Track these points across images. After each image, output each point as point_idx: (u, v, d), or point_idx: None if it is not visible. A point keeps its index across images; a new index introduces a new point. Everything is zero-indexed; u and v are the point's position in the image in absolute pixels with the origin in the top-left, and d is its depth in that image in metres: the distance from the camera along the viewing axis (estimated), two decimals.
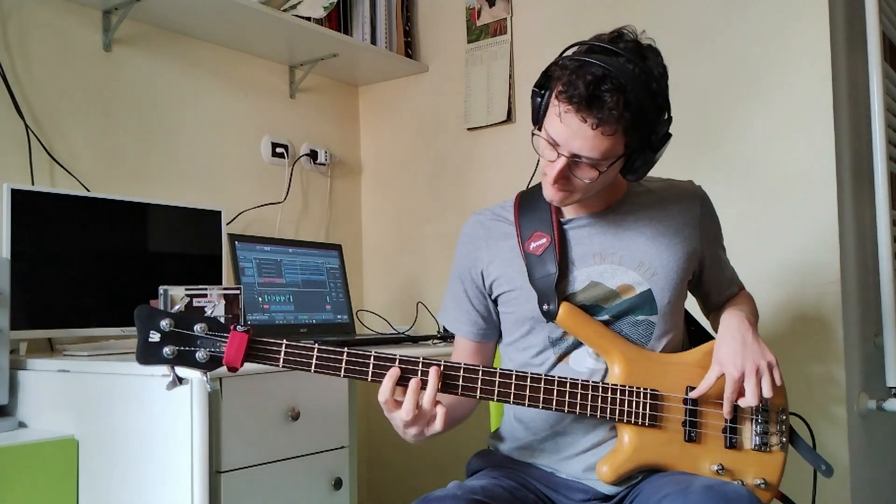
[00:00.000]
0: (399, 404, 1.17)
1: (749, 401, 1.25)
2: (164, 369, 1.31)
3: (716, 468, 1.28)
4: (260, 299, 2.04)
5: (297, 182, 2.57)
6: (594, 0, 2.28)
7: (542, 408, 1.25)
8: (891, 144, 2.10)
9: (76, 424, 1.53)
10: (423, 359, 1.20)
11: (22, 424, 1.61)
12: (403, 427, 1.19)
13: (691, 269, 1.38)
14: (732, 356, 1.27)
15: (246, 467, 1.43)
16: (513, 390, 1.24)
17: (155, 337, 1.14)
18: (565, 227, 1.36)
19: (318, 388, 1.57)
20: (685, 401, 1.29)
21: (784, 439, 1.33)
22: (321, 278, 2.23)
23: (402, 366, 1.18)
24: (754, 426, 1.31)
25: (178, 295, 1.55)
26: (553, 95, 1.20)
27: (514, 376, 1.24)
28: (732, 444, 1.30)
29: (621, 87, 1.14)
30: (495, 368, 1.24)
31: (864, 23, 2.00)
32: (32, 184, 1.87)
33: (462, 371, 1.22)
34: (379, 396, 1.18)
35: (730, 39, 2.05)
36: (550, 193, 1.27)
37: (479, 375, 1.23)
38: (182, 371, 1.16)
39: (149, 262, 1.90)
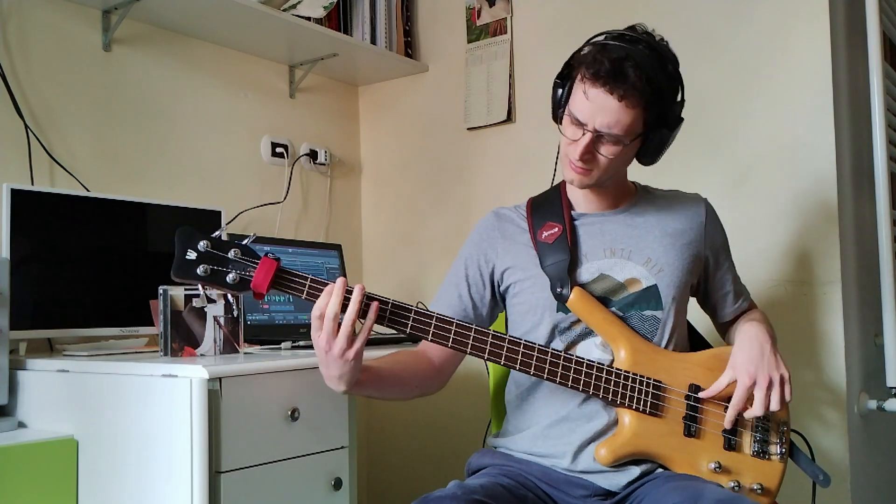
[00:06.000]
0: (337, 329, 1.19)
1: (755, 411, 1.26)
2: (165, 367, 1.32)
3: (713, 466, 1.28)
4: (260, 299, 2.03)
5: (296, 182, 2.56)
6: (594, 0, 2.28)
7: (547, 378, 1.27)
8: (891, 144, 2.10)
9: (76, 424, 1.52)
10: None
11: (21, 424, 1.61)
12: (325, 349, 1.21)
13: (695, 271, 1.41)
14: (747, 363, 1.28)
15: (246, 467, 1.42)
16: (508, 353, 1.27)
17: (191, 255, 1.18)
18: (576, 221, 1.41)
19: (318, 388, 1.56)
20: (687, 396, 1.30)
21: (783, 450, 1.33)
22: (321, 278, 2.22)
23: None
24: (754, 433, 1.32)
25: (178, 295, 1.55)
26: (578, 79, 1.29)
27: (522, 344, 1.27)
28: (731, 446, 1.30)
29: (642, 64, 1.24)
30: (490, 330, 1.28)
31: (864, 23, 1.99)
32: (32, 184, 1.86)
33: (454, 326, 1.25)
34: (328, 309, 1.19)
35: (730, 40, 2.05)
36: (571, 174, 1.33)
37: (472, 332, 1.25)
38: (212, 291, 1.23)
39: (149, 262, 1.90)
